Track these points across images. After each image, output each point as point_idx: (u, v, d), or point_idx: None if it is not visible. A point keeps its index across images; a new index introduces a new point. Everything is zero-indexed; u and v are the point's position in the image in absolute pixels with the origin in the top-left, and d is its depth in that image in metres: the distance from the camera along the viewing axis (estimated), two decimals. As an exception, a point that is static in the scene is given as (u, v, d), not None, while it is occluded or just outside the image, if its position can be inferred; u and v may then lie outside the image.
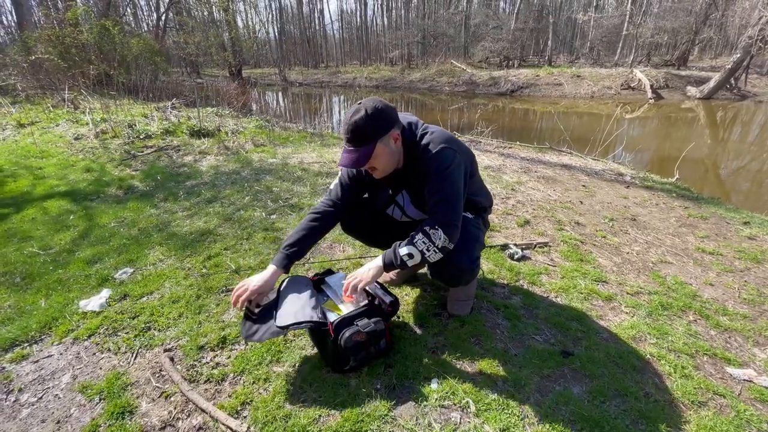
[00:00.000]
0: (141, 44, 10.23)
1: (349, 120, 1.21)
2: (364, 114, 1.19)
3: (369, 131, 1.20)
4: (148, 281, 1.91)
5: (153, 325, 1.60)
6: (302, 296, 1.24)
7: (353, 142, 1.21)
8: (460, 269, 1.30)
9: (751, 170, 6.11)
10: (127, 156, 4.55)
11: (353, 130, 1.20)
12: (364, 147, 1.21)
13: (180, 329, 1.55)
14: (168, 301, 1.73)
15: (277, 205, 2.85)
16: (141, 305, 1.73)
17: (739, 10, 13.01)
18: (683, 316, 1.72)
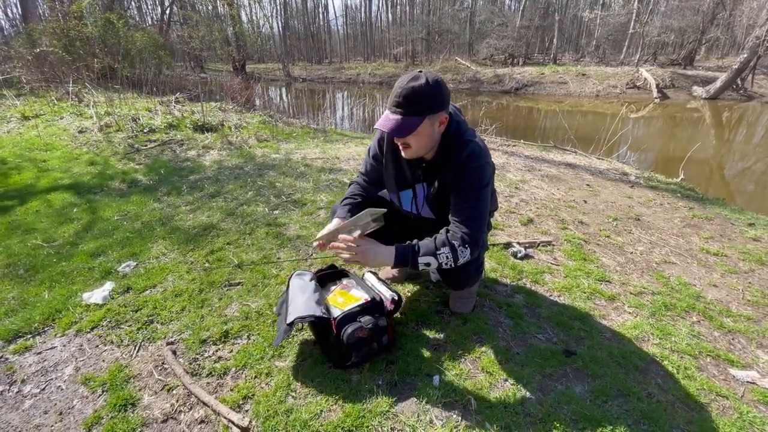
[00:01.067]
0: (145, 38, 10.23)
1: (405, 84, 1.09)
2: (424, 82, 1.08)
3: (423, 102, 1.10)
4: (151, 275, 1.92)
5: (156, 319, 1.61)
6: (307, 291, 1.24)
7: (403, 107, 1.10)
8: (467, 276, 1.28)
9: (757, 171, 6.06)
10: (131, 150, 4.56)
11: (408, 95, 1.09)
12: (412, 117, 1.11)
13: (182, 323, 1.55)
14: (171, 294, 1.74)
15: (280, 201, 2.84)
16: (144, 298, 1.74)
17: (747, 10, 12.88)
18: (686, 316, 1.71)
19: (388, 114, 1.14)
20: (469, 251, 1.17)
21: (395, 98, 1.12)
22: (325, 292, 1.33)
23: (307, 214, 2.60)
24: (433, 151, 1.24)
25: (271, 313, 1.55)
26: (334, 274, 1.44)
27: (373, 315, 1.20)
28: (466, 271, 1.24)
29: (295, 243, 2.18)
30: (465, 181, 1.18)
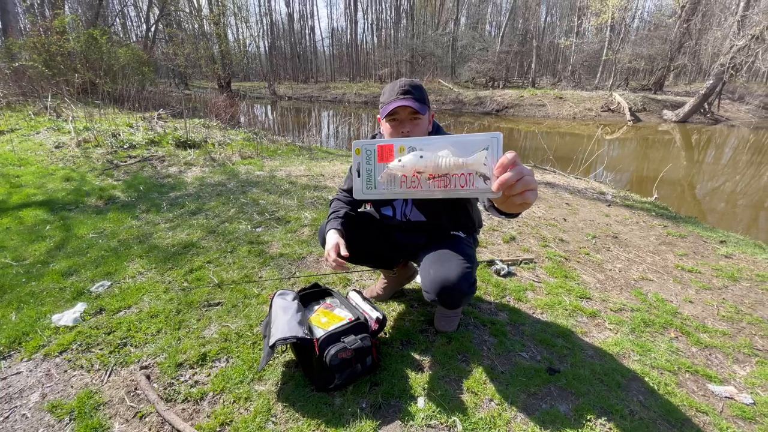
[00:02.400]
0: (129, 54, 10.17)
1: (408, 80, 1.23)
2: (419, 81, 1.27)
3: (425, 93, 1.24)
4: (125, 295, 1.85)
5: (129, 341, 1.54)
6: (289, 311, 1.22)
7: (412, 93, 1.21)
8: (461, 294, 1.29)
9: (725, 191, 6.35)
10: (110, 165, 4.47)
11: (413, 85, 1.22)
12: (420, 102, 1.22)
13: (158, 345, 1.49)
14: (146, 315, 1.67)
15: (263, 218, 2.81)
16: (117, 320, 1.67)
17: (712, 39, 13.78)
18: (665, 332, 1.74)
19: (396, 99, 1.21)
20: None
21: (401, 88, 1.22)
22: (308, 312, 1.30)
23: (291, 231, 2.58)
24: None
25: (252, 335, 1.50)
26: (317, 293, 1.41)
27: (357, 335, 1.18)
28: (458, 288, 1.24)
29: (278, 261, 2.15)
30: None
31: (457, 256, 1.29)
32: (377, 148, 0.66)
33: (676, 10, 17.26)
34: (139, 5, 21.08)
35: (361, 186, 0.67)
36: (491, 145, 0.60)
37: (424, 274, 1.32)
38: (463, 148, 0.61)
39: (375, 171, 0.67)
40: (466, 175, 0.61)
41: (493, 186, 0.58)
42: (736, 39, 11.44)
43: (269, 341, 1.13)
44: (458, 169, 0.61)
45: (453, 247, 1.34)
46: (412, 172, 0.63)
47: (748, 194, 6.16)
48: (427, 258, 1.33)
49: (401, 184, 0.65)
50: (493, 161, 0.59)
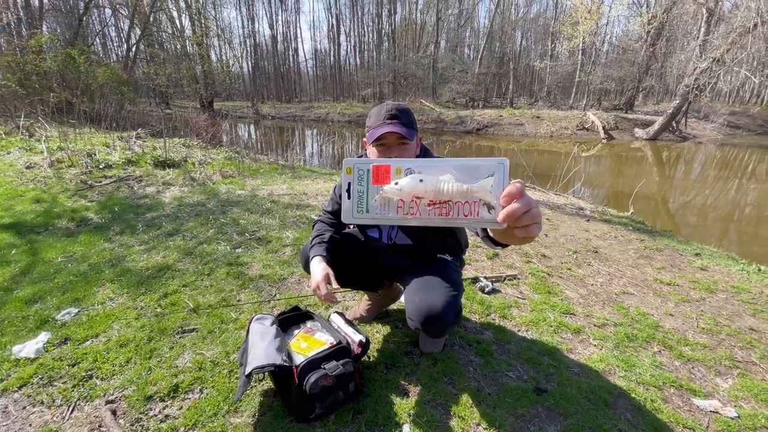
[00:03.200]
0: (107, 73, 10.04)
1: (393, 104, 1.20)
2: (406, 104, 1.22)
3: (413, 117, 1.21)
4: (94, 323, 1.74)
5: (95, 373, 1.44)
6: (267, 337, 1.16)
7: (399, 118, 1.18)
8: (446, 323, 1.24)
9: (697, 205, 6.61)
10: (83, 186, 4.33)
11: (401, 109, 1.19)
12: (408, 128, 1.18)
13: (126, 377, 1.39)
14: (115, 345, 1.57)
15: (243, 239, 2.74)
16: (83, 350, 1.56)
17: (676, 62, 14.62)
18: (648, 347, 1.75)
19: (385, 123, 1.18)
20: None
21: (388, 113, 1.18)
22: (288, 337, 1.25)
23: (272, 251, 2.51)
24: None
25: (228, 362, 1.43)
26: (297, 316, 1.36)
27: (338, 360, 1.13)
28: (443, 317, 1.20)
29: (258, 283, 2.08)
30: None
31: (442, 283, 1.25)
32: (372, 168, 0.61)
33: (642, 35, 18.32)
34: (120, 26, 21.03)
35: (351, 208, 0.61)
36: (497, 172, 0.55)
37: (408, 300, 1.28)
38: (467, 173, 0.56)
39: (368, 193, 0.61)
40: (470, 204, 0.56)
41: (498, 217, 0.53)
42: (699, 61, 12.16)
43: (245, 370, 1.06)
44: (462, 197, 0.56)
45: (439, 273, 1.30)
46: (410, 196, 0.57)
47: (718, 208, 6.43)
48: (413, 284, 1.30)
49: (397, 210, 0.60)
50: (499, 190, 0.54)
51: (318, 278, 1.19)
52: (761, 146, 14.12)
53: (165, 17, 17.88)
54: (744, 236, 5.05)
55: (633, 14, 20.35)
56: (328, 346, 1.16)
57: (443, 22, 29.58)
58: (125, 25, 17.50)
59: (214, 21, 22.28)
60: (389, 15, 30.22)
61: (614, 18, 24.06)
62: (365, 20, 34.02)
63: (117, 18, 18.73)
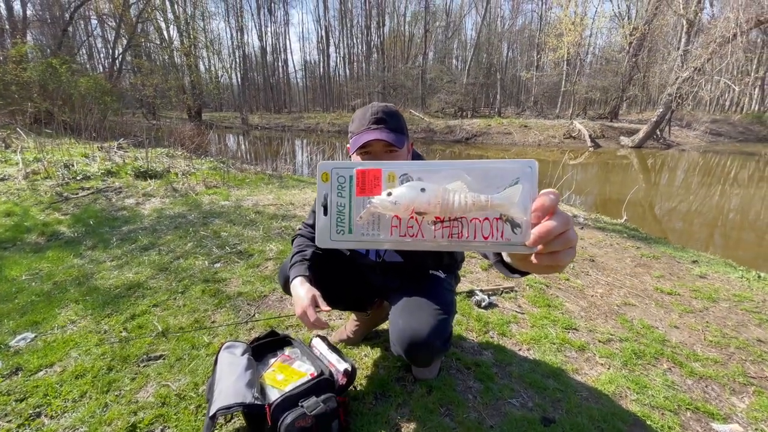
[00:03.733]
0: (90, 83, 9.81)
1: (379, 106, 1.04)
2: (394, 106, 1.05)
3: (402, 120, 1.06)
4: (50, 349, 1.56)
5: (45, 410, 1.26)
6: (237, 369, 1.00)
7: (386, 123, 1.02)
8: (432, 351, 1.08)
9: (683, 210, 6.63)
10: (58, 198, 4.12)
11: (387, 112, 1.03)
12: (397, 133, 1.03)
13: (78, 415, 1.22)
14: (70, 376, 1.39)
15: (223, 252, 2.57)
16: (35, 382, 1.38)
17: (659, 72, 14.96)
18: (657, 364, 1.63)
19: (369, 129, 1.02)
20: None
21: (373, 116, 1.02)
22: (262, 367, 1.09)
23: (253, 266, 2.35)
24: None
25: (196, 396, 1.26)
26: (273, 342, 1.20)
27: (319, 395, 0.98)
28: (429, 344, 1.05)
29: (236, 302, 1.91)
30: None
31: (431, 305, 1.10)
32: (356, 174, 0.45)
33: (624, 46, 18.77)
34: (107, 37, 20.79)
35: (329, 228, 0.45)
36: (524, 178, 0.41)
37: (392, 323, 1.13)
38: (484, 180, 0.42)
39: (351, 207, 0.45)
40: (492, 221, 0.42)
41: (527, 238, 0.40)
42: (680, 71, 12.44)
43: (210, 410, 0.91)
44: (480, 211, 0.41)
45: (429, 292, 1.16)
46: (408, 212, 0.42)
47: (703, 213, 6.45)
48: (399, 304, 1.15)
49: (391, 230, 0.44)
50: (528, 202, 0.40)
51: (304, 303, 1.01)
52: (743, 153, 14.45)
53: (153, 28, 17.75)
54: (729, 240, 5.06)
55: (615, 26, 20.92)
56: (307, 379, 1.01)
57: (431, 34, 30.00)
58: (112, 36, 17.27)
59: (203, 32, 22.20)
60: (378, 27, 30.55)
61: (597, 30, 24.68)
62: (354, 32, 34.33)
63: (104, 29, 18.52)
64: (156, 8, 16.46)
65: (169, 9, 17.93)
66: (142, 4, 15.08)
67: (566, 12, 20.40)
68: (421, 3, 29.30)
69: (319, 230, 0.46)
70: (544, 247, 0.39)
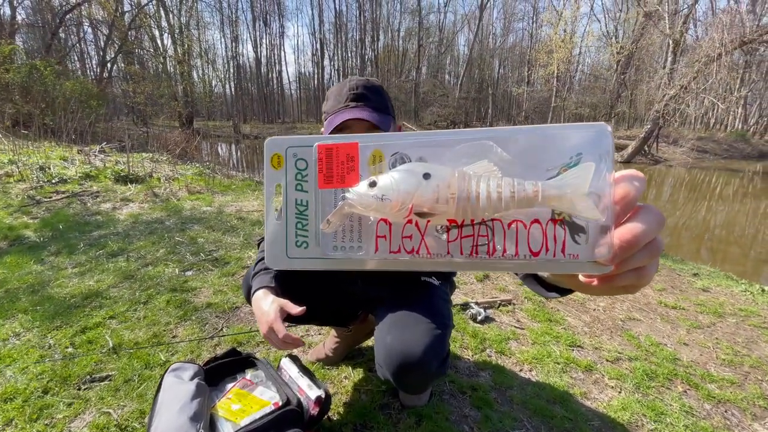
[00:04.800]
0: (76, 87, 9.59)
1: (359, 79, 0.86)
2: (377, 81, 0.88)
3: (386, 96, 0.87)
4: (-19, 368, 1.34)
5: (-43, 444, 1.04)
6: (181, 398, 0.81)
7: (368, 101, 0.84)
8: (427, 375, 0.88)
9: (672, 225, 6.60)
10: (30, 202, 3.89)
11: (371, 86, 0.85)
12: (381, 114, 0.84)
13: (-5, 450, 1.01)
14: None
15: (196, 259, 2.36)
16: (-46, 408, 1.16)
17: (646, 89, 15.24)
18: (672, 386, 1.47)
19: (345, 108, 0.83)
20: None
21: (351, 91, 0.84)
22: (216, 395, 0.90)
23: (228, 275, 2.15)
24: None
25: (140, 426, 1.05)
26: (232, 363, 1.00)
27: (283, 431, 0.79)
28: (426, 367, 0.86)
29: (203, 314, 1.70)
30: None
31: (425, 318, 0.92)
32: (318, 152, 0.29)
33: (612, 64, 19.21)
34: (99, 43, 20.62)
35: (284, 240, 0.29)
36: (591, 151, 0.25)
37: (378, 339, 0.94)
38: (528, 155, 0.26)
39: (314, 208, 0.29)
40: (543, 225, 0.26)
41: (600, 250, 0.24)
42: (667, 89, 12.67)
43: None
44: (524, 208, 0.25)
45: (422, 303, 0.97)
46: (404, 212, 0.26)
47: (698, 229, 6.43)
48: (386, 319, 0.95)
49: (376, 241, 0.28)
50: (603, 189, 0.24)
51: (269, 317, 0.81)
52: (728, 169, 14.70)
53: (147, 36, 17.62)
54: (716, 254, 5.03)
55: (603, 45, 21.45)
56: (270, 409, 0.82)
57: (424, 49, 30.46)
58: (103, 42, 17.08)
59: (197, 41, 22.16)
60: (372, 41, 30.92)
61: (586, 48, 25.29)
62: (349, 45, 34.66)
63: (96, 35, 18.33)
64: (150, 16, 16.37)
65: (164, 17, 17.87)
66: (135, 11, 14.99)
67: (556, 30, 20.88)
68: (415, 19, 29.82)
69: (269, 243, 0.30)
70: (623, 263, 0.25)
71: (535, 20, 28.54)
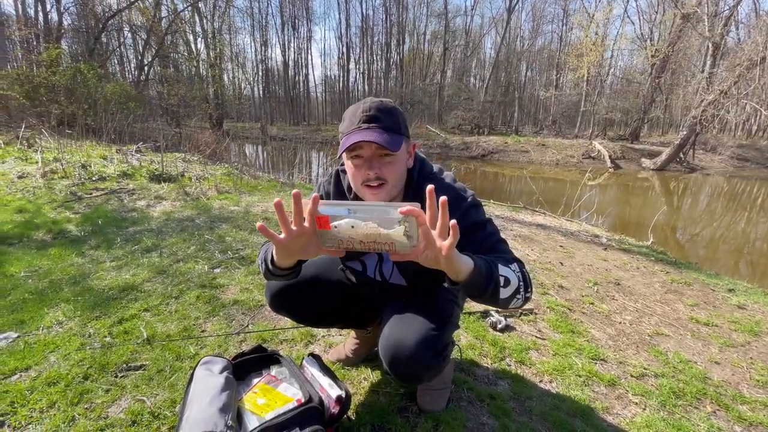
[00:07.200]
0: (117, 89, 10.11)
1: (372, 101, 0.88)
2: (391, 102, 0.90)
3: (400, 117, 0.89)
4: (29, 351, 1.46)
5: (8, 420, 1.14)
6: (211, 390, 0.86)
7: (379, 121, 0.86)
8: (419, 365, 0.91)
9: (708, 237, 6.28)
10: (72, 198, 4.13)
11: (381, 108, 0.87)
12: (392, 134, 0.86)
13: (42, 428, 1.09)
14: (43, 382, 1.28)
15: (224, 257, 2.46)
16: (5, 387, 1.27)
17: (683, 94, 14.61)
18: (700, 406, 1.42)
19: (358, 130, 0.86)
20: (528, 276, 0.87)
21: (365, 113, 0.87)
22: (243, 389, 0.95)
23: (253, 273, 2.22)
24: (399, 196, 0.96)
25: (171, 415, 1.12)
26: (259, 360, 1.05)
27: (304, 427, 0.82)
28: (415, 356, 0.89)
29: (230, 310, 1.78)
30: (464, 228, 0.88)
31: (422, 314, 0.95)
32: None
33: (646, 68, 18.49)
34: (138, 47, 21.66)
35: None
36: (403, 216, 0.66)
37: (381, 332, 0.98)
38: (386, 219, 0.68)
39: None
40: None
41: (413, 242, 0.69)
42: (705, 94, 12.10)
43: (175, 438, 0.77)
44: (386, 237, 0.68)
45: (424, 301, 1.00)
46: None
47: (736, 241, 6.09)
48: (392, 314, 1.00)
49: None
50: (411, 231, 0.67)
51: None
52: (772, 179, 13.85)
53: (182, 41, 18.38)
54: (756, 268, 4.74)
55: (637, 48, 20.68)
56: (293, 405, 0.86)
57: (450, 53, 30.27)
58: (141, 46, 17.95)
59: (229, 45, 22.91)
60: (398, 45, 31.01)
61: (618, 51, 24.45)
62: (374, 49, 34.89)
63: (135, 40, 19.28)
64: (185, 22, 17.07)
65: (198, 23, 18.60)
66: (172, 17, 15.67)
67: (587, 33, 20.32)
68: (441, 22, 29.70)
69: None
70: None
71: (566, 23, 27.84)
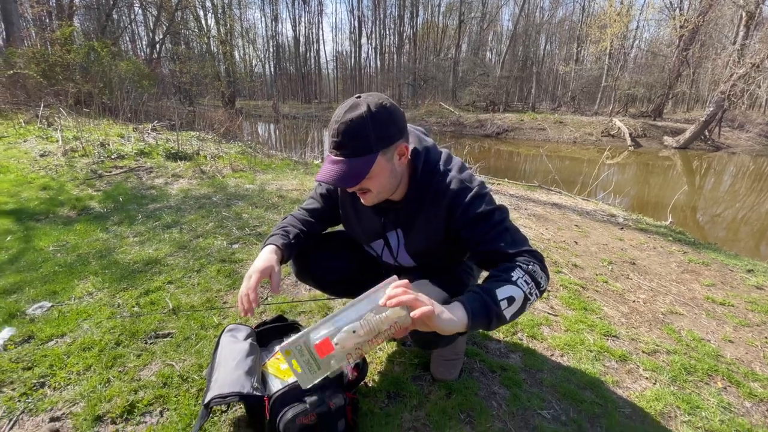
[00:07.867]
0: (130, 67, 10.14)
1: (342, 117, 0.84)
2: (365, 111, 0.83)
3: (370, 135, 0.84)
4: (63, 320, 1.55)
5: (48, 381, 1.23)
6: (237, 355, 0.91)
7: (345, 148, 0.85)
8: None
9: (730, 218, 6.11)
10: (93, 175, 4.24)
11: (347, 131, 0.84)
12: (359, 158, 0.85)
13: (80, 389, 1.18)
14: (78, 347, 1.36)
15: (242, 233, 2.53)
16: (44, 351, 1.36)
17: (711, 68, 13.88)
18: (711, 382, 1.44)
19: (329, 159, 0.88)
20: (538, 267, 0.86)
21: (333, 138, 0.86)
22: (266, 355, 1.00)
23: (271, 249, 2.28)
24: (401, 190, 0.97)
25: (199, 378, 1.19)
26: (280, 328, 1.11)
27: (325, 391, 0.87)
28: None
29: (250, 283, 1.85)
30: (467, 219, 0.91)
31: (440, 282, 0.98)
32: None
33: (674, 39, 17.52)
34: (149, 24, 21.51)
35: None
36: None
37: None
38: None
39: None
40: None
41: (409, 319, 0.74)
42: (736, 67, 11.47)
43: (205, 398, 0.83)
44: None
45: (443, 273, 1.03)
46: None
47: (759, 223, 5.91)
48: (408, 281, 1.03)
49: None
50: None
51: (252, 269, 0.96)
52: (803, 158, 13.23)
53: (192, 16, 18.16)
54: None
55: (665, 18, 19.54)
56: (314, 370, 0.91)
57: (466, 25, 29.19)
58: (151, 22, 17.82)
59: (239, 21, 22.57)
60: (411, 18, 30.03)
61: (644, 22, 23.17)
62: (387, 23, 33.89)
63: (146, 16, 19.13)
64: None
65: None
66: (182, -8, 15.44)
67: (612, 2, 19.26)
68: (456, -7, 28.53)
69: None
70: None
71: (589, -8, 26.41)
